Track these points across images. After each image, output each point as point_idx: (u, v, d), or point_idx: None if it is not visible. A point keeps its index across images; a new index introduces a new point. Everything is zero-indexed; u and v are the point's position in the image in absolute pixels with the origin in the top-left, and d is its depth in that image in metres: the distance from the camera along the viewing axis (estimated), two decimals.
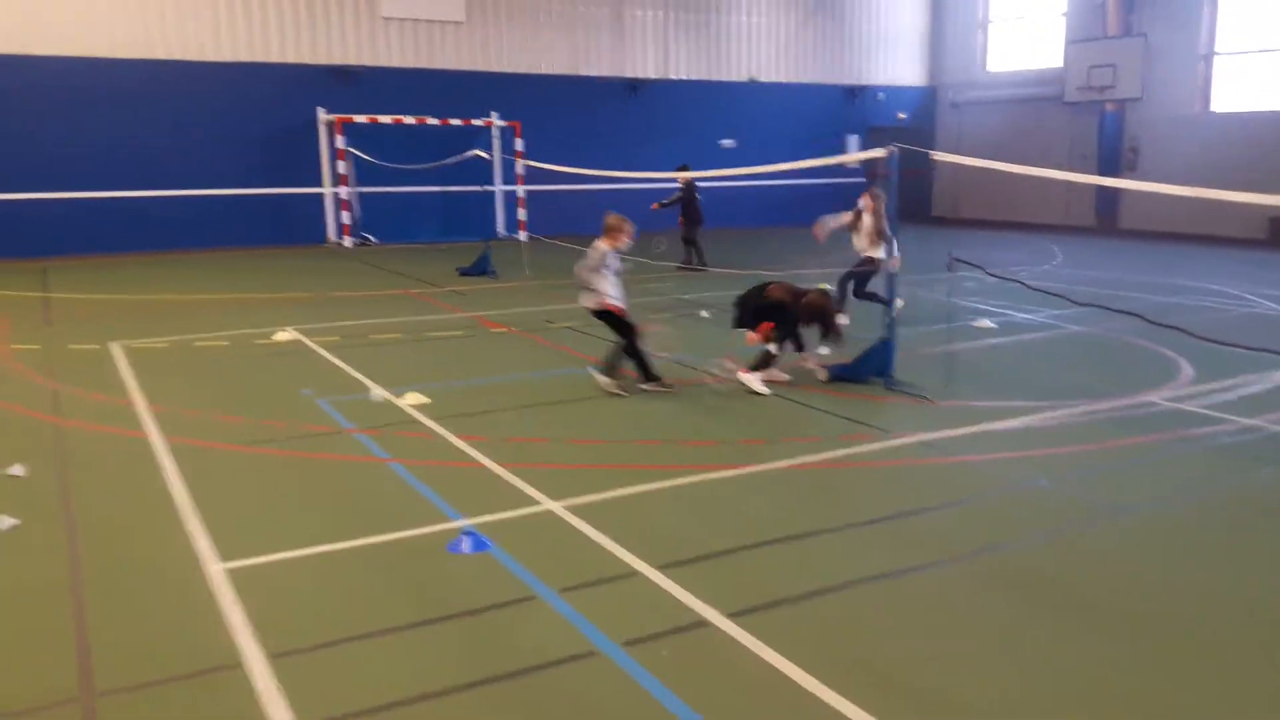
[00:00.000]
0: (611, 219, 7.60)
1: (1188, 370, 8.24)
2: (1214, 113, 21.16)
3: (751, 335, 7.72)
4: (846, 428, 6.69)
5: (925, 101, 27.44)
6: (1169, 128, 21.58)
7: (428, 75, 20.79)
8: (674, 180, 15.41)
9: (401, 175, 20.05)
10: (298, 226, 19.94)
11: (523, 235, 21.22)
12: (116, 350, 9.38)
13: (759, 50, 24.86)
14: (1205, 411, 7.00)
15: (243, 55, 19.17)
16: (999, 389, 7.64)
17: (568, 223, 20.80)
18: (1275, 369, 8.14)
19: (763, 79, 24.90)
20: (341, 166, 19.75)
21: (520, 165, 20.81)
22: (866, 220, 10.36)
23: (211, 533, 4.83)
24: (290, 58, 19.62)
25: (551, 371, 8.45)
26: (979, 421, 6.74)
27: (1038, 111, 24.29)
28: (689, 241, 15.23)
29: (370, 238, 20.34)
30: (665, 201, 15.29)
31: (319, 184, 20.07)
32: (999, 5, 25.76)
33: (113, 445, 6.40)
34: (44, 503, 5.32)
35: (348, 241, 19.95)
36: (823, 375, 7.89)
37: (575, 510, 5.11)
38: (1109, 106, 22.36)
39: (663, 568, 4.39)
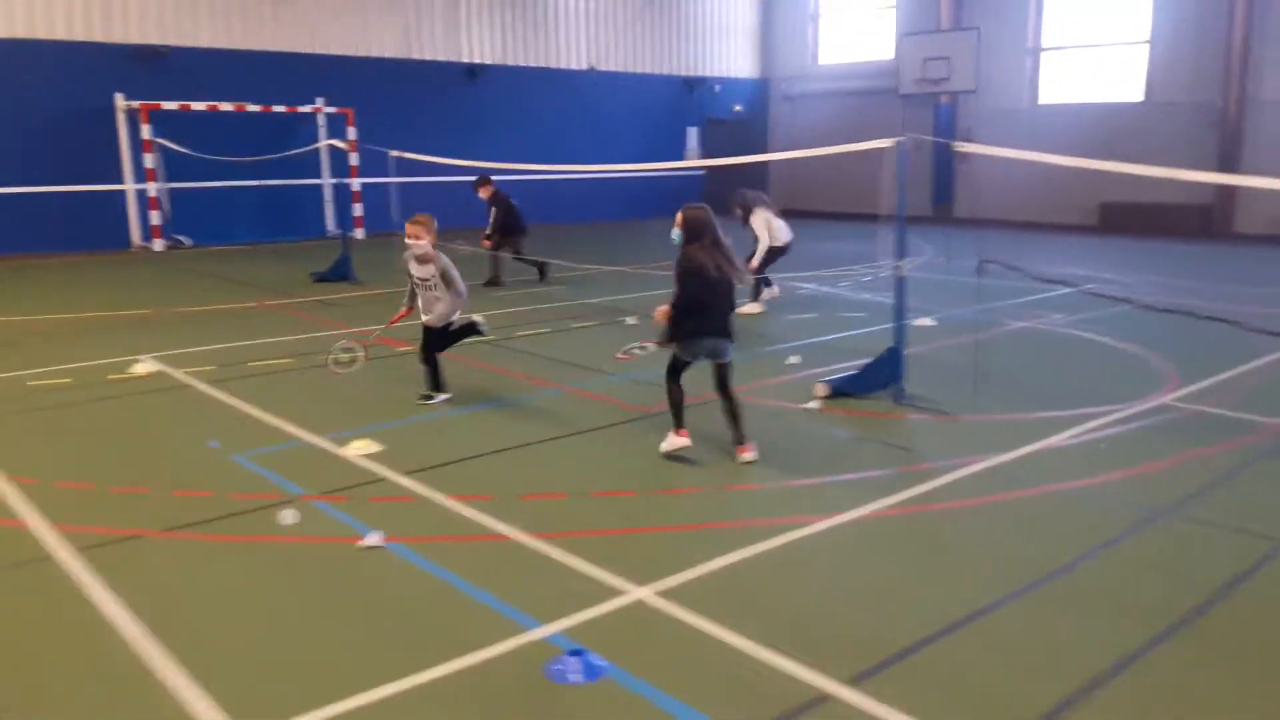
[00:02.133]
0: (417, 216, 7.14)
1: (1163, 366, 8.03)
2: (1041, 105, 22.15)
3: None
4: (890, 456, 5.89)
5: (759, 94, 27.42)
6: (1000, 119, 22.40)
7: (245, 57, 18.47)
8: (537, 174, 13.98)
9: (213, 169, 17.73)
10: (96, 229, 17.20)
11: (359, 232, 19.36)
12: None
13: (598, 38, 23.91)
14: (1229, 414, 6.70)
15: (19, 31, 16.25)
16: (1007, 397, 7.09)
17: (403, 218, 19.03)
18: (1244, 360, 8.07)
19: (602, 68, 23.98)
20: (149, 160, 17.16)
21: (355, 157, 18.92)
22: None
23: (211, 693, 3.37)
24: (78, 35, 16.83)
25: (504, 400, 7.18)
26: (1025, 440, 6.11)
27: (871, 103, 24.68)
28: (519, 256, 13.35)
29: (184, 239, 17.88)
30: (488, 232, 13.20)
31: (119, 180, 17.38)
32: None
33: None
34: None
35: (158, 244, 17.42)
36: (823, 391, 7.06)
37: (673, 596, 4.00)
38: (943, 98, 22.98)
39: (854, 682, 3.38)
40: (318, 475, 5.55)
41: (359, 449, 5.94)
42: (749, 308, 10.73)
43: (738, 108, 26.94)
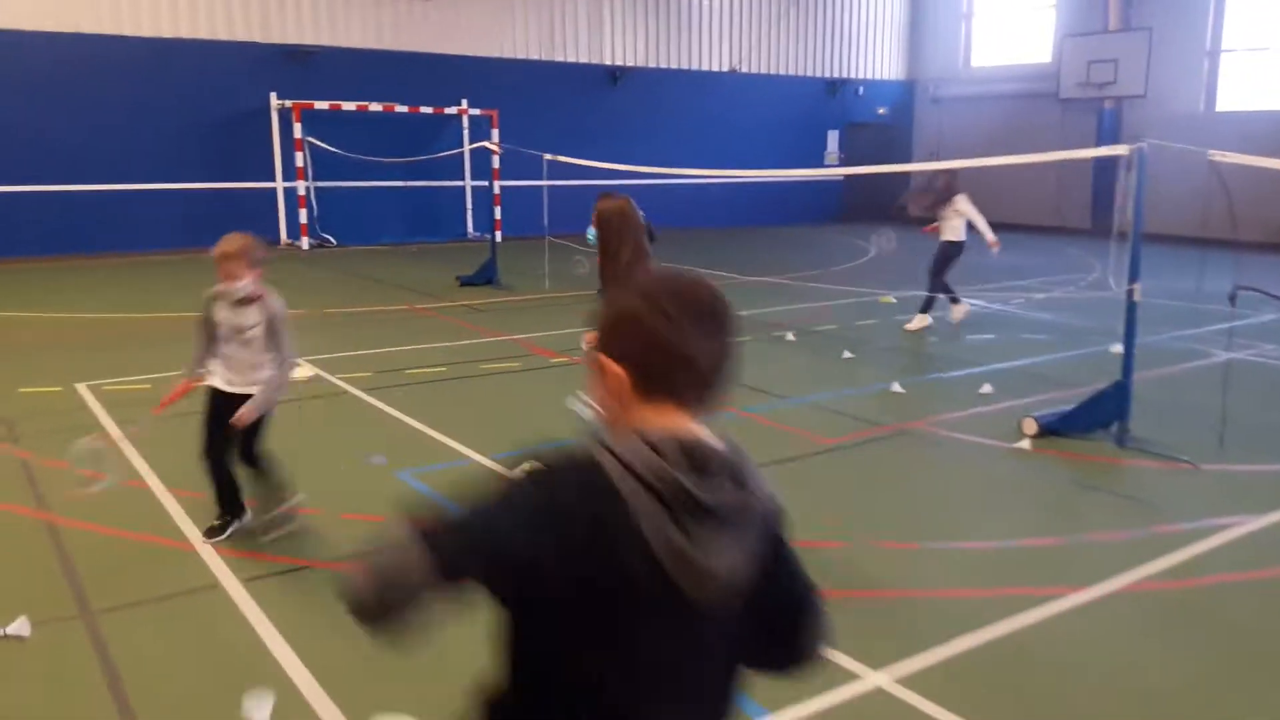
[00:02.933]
0: (228, 244, 4.48)
1: None
2: (1219, 112, 20.49)
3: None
4: (1132, 512, 5.12)
5: (904, 96, 26.34)
6: (1171, 126, 20.78)
7: (391, 58, 18.59)
8: (680, 178, 13.41)
9: (359, 169, 17.88)
10: (248, 226, 17.11)
11: (498, 236, 19.25)
12: (85, 394, 7.24)
13: (739, 39, 23.30)
14: None
15: (183, 31, 16.70)
16: (1248, 443, 6.18)
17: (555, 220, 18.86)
18: None
19: (743, 70, 23.36)
20: (299, 158, 17.43)
21: (497, 159, 18.80)
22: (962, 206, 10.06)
23: None
24: (239, 35, 17.21)
25: None
26: None
27: (1025, 108, 23.32)
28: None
29: (330, 239, 18.08)
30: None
31: (271, 178, 17.70)
32: None
33: (164, 568, 4.41)
34: (90, 687, 3.35)
35: (305, 243, 17.65)
36: (1032, 428, 6.31)
37: (915, 685, 3.40)
38: (1107, 104, 21.52)
39: None
40: None
41: None
42: (916, 322, 9.97)
43: (882, 110, 25.93)
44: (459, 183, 19.66)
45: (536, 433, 4.94)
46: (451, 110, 18.91)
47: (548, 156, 12.21)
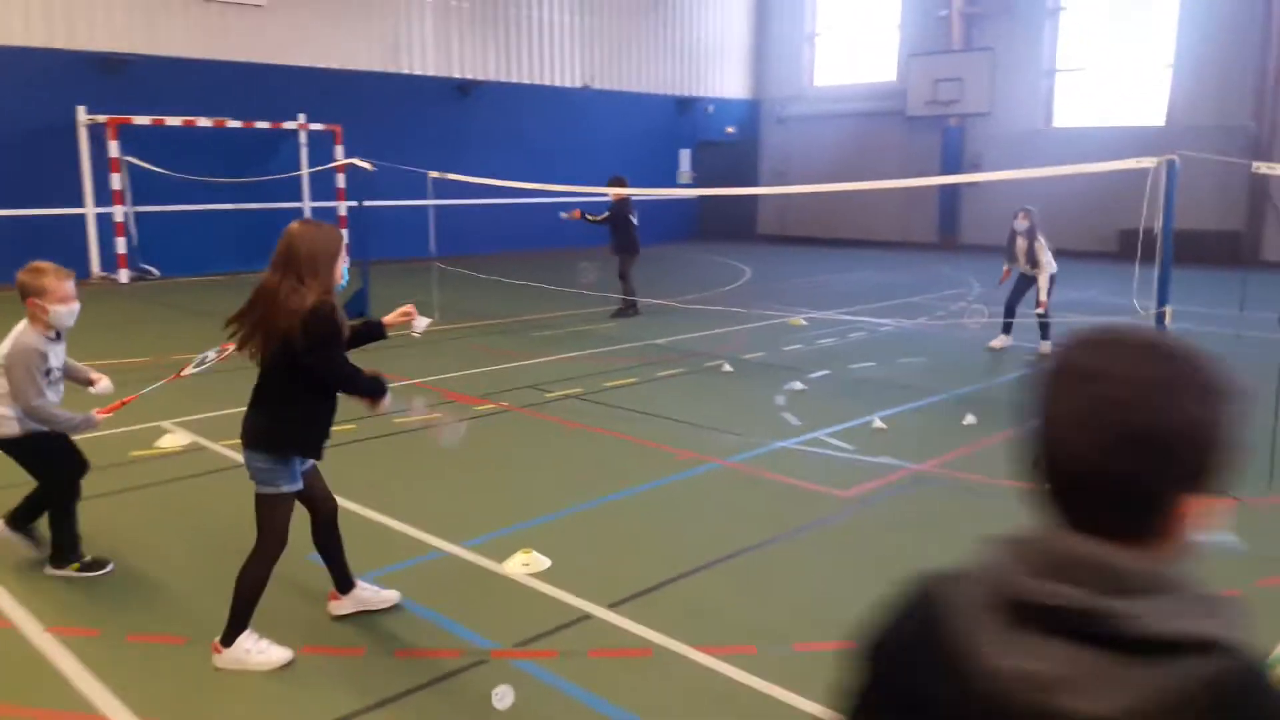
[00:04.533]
0: (29, 275, 4.20)
1: None
2: (1056, 128, 21.43)
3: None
4: (1239, 563, 4.58)
5: (751, 115, 26.36)
6: (1013, 143, 21.61)
7: (220, 68, 16.70)
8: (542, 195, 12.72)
9: (186, 191, 15.94)
10: (50, 258, 15.16)
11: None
12: None
13: (591, 54, 22.56)
14: None
15: None
16: (1254, 464, 5.84)
17: (410, 243, 17.41)
18: None
19: (596, 86, 22.64)
20: (115, 180, 15.28)
21: (341, 178, 17.25)
22: (1021, 243, 9.43)
23: None
24: (38, 40, 14.92)
25: (658, 482, 5.72)
26: None
27: (873, 126, 23.76)
28: (624, 277, 12.23)
29: (153, 270, 15.97)
30: (592, 217, 12.21)
31: (80, 203, 15.44)
32: (827, 18, 25.10)
33: None
34: None
35: (124, 275, 15.50)
36: None
37: None
38: (953, 121, 22.14)
39: None
40: (493, 612, 4.05)
41: (524, 565, 4.44)
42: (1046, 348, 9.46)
43: (730, 129, 25.83)
44: (298, 204, 17.89)
45: (503, 508, 3.78)
46: (290, 125, 17.18)
47: (433, 174, 10.97)
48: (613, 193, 11.77)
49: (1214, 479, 0.96)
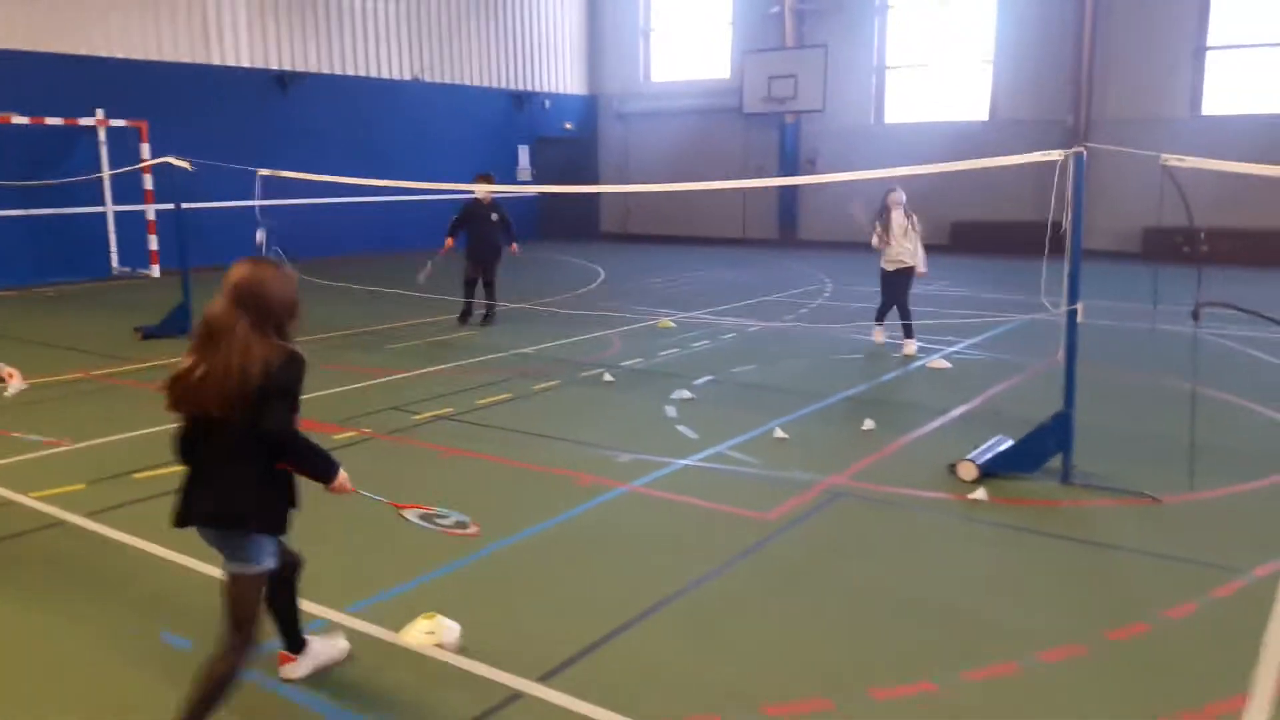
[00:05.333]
0: None
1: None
2: (887, 124, 22.01)
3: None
4: (1179, 573, 4.42)
5: (589, 111, 25.91)
6: (846, 138, 22.07)
7: (3, 58, 14.76)
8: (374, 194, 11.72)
9: None
10: None
11: (155, 270, 16.13)
12: None
13: (421, 46, 21.48)
14: None
15: None
16: (1174, 462, 5.81)
17: (235, 249, 15.93)
18: None
19: (428, 78, 21.58)
20: None
21: (149, 180, 15.63)
22: (900, 218, 9.28)
23: None
24: None
25: (566, 515, 5.12)
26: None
27: (711, 123, 23.78)
28: (485, 284, 11.23)
29: None
30: (445, 246, 11.24)
31: None
32: (660, 14, 24.93)
33: None
34: None
35: None
36: (972, 472, 5.53)
37: None
38: (789, 118, 22.39)
39: None
40: (397, 697, 3.36)
41: (428, 634, 3.75)
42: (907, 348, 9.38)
43: (568, 125, 25.29)
44: (99, 209, 16.11)
45: (394, 562, 3.05)
46: (87, 121, 15.40)
47: (264, 172, 9.88)
48: (481, 189, 10.87)
49: None
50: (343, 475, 3.13)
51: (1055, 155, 5.32)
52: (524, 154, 24.01)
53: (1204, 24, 18.41)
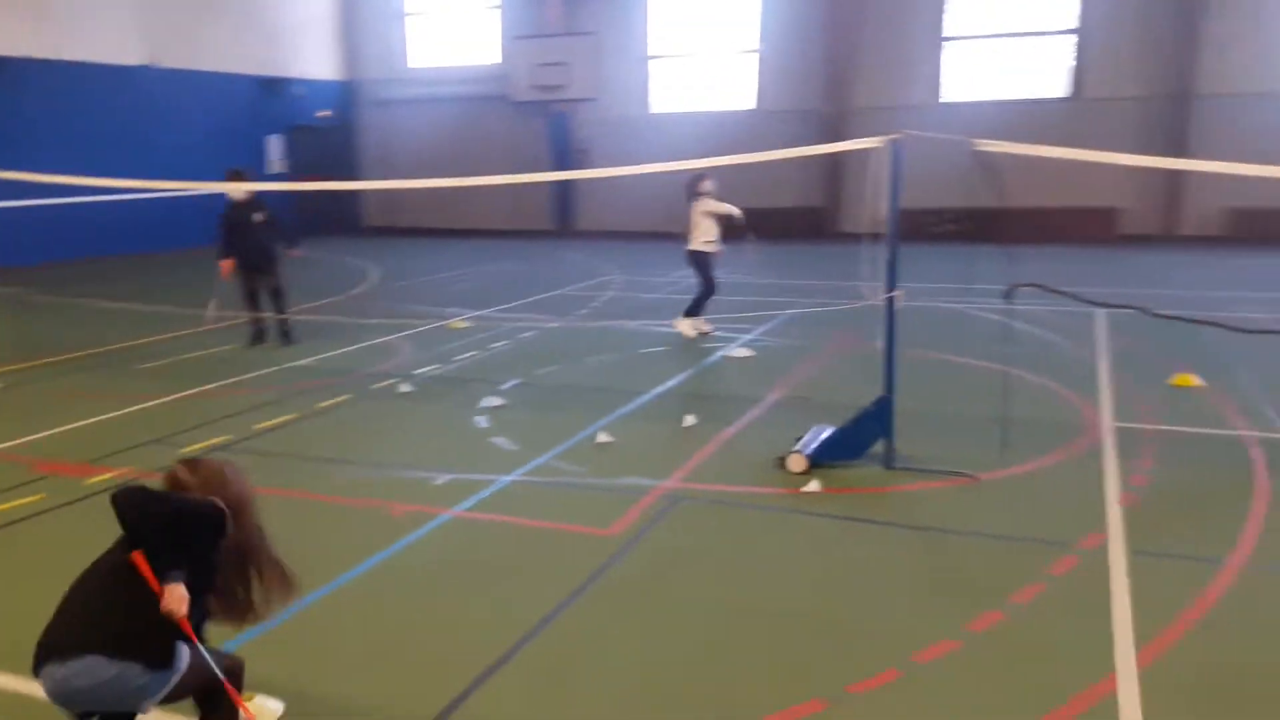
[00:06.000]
0: None
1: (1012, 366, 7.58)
2: (655, 114, 22.18)
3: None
4: (1015, 552, 4.48)
5: (347, 98, 24.51)
6: (618, 128, 22.07)
7: None
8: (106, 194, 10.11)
9: None
10: None
11: None
12: None
13: (155, 27, 19.41)
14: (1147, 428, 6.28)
15: None
16: (980, 440, 5.99)
17: None
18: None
19: (164, 64, 19.55)
20: None
21: None
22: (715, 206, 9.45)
23: None
24: None
25: (383, 554, 4.54)
26: (1088, 488, 5.07)
27: (479, 110, 23.13)
28: (271, 294, 9.61)
29: None
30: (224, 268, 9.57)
31: None
32: None
33: None
34: None
35: None
36: (802, 464, 5.45)
37: None
38: (560, 106, 22.08)
39: None
40: None
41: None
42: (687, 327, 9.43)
43: (324, 113, 23.79)
44: None
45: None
46: None
47: None
48: (235, 189, 9.60)
49: None
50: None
51: (875, 143, 5.27)
52: (274, 145, 22.33)
53: (940, 17, 19.75)
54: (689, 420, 6.49)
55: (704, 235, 9.45)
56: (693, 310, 9.49)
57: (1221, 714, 3.19)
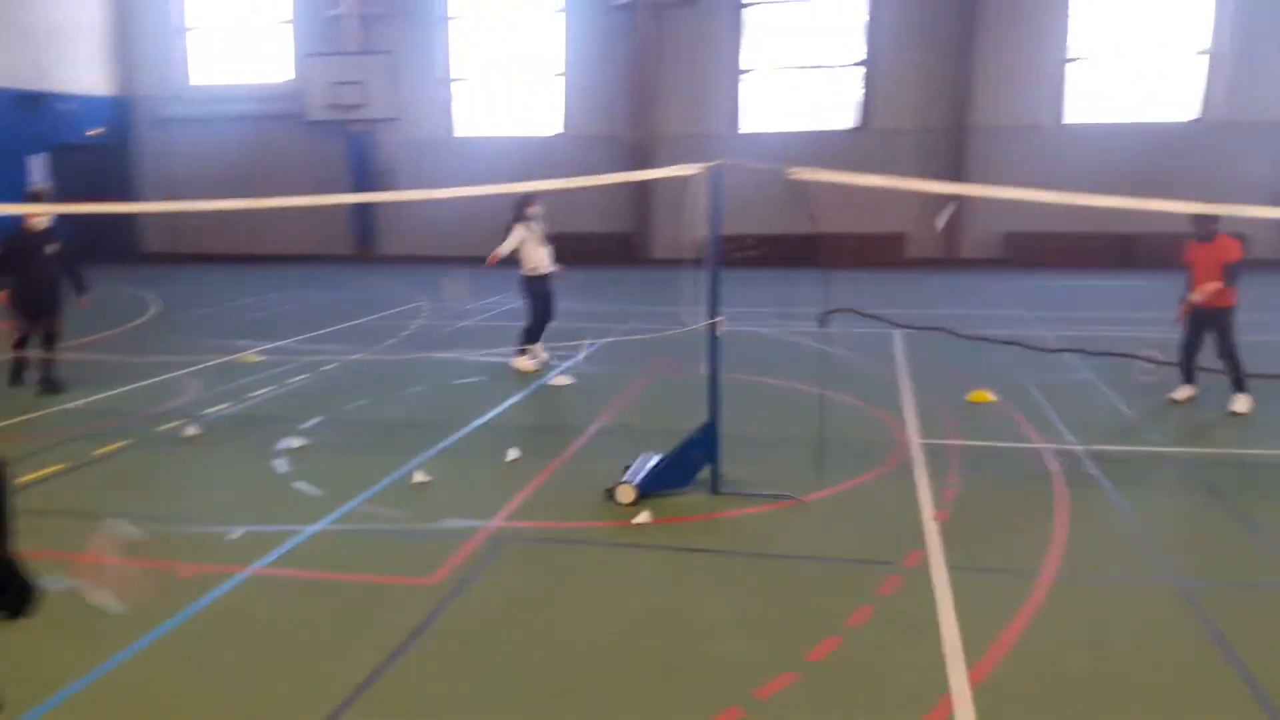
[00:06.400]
0: None
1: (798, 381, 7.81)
2: (458, 138, 21.76)
3: None
4: (842, 574, 4.48)
5: (122, 116, 22.67)
6: (422, 150, 21.48)
7: None
8: None
9: None
10: None
11: None
12: None
13: None
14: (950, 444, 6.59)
15: None
16: (794, 461, 6.05)
17: None
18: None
19: None
20: None
21: None
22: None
23: None
24: None
25: (184, 607, 4.02)
26: (904, 503, 5.18)
27: (270, 130, 21.96)
28: (47, 337, 8.39)
29: None
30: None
31: None
32: (201, 11, 22.47)
33: None
34: None
35: None
36: (628, 496, 5.30)
37: None
38: (358, 126, 21.27)
39: None
40: None
41: None
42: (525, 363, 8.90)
43: (94, 132, 21.90)
44: None
45: None
46: None
47: None
48: (31, 212, 8.30)
49: None
50: None
51: (694, 169, 5.21)
52: (37, 165, 20.33)
53: (737, 49, 20.42)
54: (512, 454, 6.22)
55: (535, 260, 9.04)
56: (528, 340, 9.07)
57: None
